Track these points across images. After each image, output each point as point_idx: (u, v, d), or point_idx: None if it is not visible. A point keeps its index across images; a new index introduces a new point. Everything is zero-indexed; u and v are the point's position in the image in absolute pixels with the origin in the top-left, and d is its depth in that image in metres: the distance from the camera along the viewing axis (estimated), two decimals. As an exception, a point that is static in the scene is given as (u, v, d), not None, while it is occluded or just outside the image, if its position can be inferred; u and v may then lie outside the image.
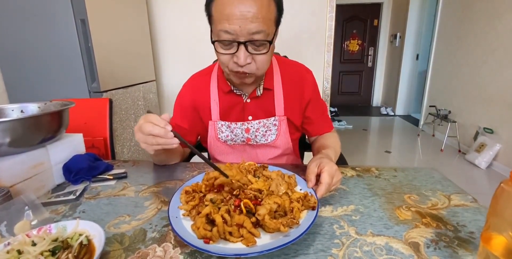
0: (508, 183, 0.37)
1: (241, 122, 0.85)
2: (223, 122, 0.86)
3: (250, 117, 0.85)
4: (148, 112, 0.60)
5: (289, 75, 0.87)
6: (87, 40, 1.40)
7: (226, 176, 0.55)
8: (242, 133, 0.86)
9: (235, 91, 0.84)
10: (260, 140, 0.86)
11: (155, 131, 0.57)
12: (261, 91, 0.84)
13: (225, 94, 0.85)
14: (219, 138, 0.87)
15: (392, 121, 4.64)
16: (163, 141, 0.58)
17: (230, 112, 0.86)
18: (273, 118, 0.86)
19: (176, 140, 0.58)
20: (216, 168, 0.56)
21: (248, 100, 0.85)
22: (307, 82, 0.88)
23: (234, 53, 0.66)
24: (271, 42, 0.67)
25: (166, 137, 0.57)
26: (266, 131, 0.86)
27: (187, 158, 1.06)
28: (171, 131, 0.57)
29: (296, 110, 0.88)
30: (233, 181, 0.54)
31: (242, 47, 0.65)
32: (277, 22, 0.70)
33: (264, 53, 0.68)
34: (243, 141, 0.87)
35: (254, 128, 0.85)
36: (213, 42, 0.68)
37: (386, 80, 5.56)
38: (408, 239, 0.50)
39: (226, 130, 0.86)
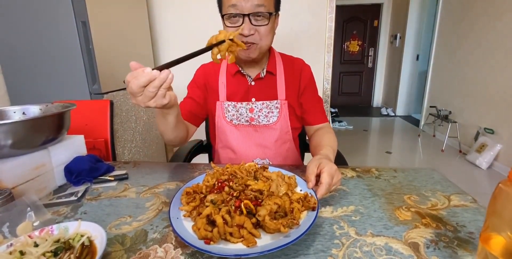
0: (506, 183, 0.38)
1: (246, 102, 0.93)
2: (229, 102, 0.93)
3: (253, 99, 0.93)
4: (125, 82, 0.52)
5: (290, 63, 0.97)
6: (88, 42, 1.40)
7: (221, 42, 0.63)
8: (246, 112, 0.93)
9: (242, 71, 0.92)
10: (262, 120, 0.93)
11: (143, 80, 0.49)
12: (264, 73, 0.92)
13: (232, 77, 0.93)
14: (226, 116, 0.94)
15: (393, 122, 4.64)
16: (158, 82, 0.51)
17: (235, 93, 0.93)
18: (275, 101, 0.93)
19: (167, 71, 0.52)
20: (210, 47, 0.63)
21: (253, 83, 0.93)
22: (305, 71, 0.97)
23: (240, 26, 0.78)
24: (271, 14, 0.80)
25: (155, 76, 0.50)
26: (268, 113, 0.93)
27: (188, 159, 1.07)
28: (152, 69, 0.50)
29: (295, 96, 0.95)
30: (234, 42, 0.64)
31: (246, 19, 0.77)
32: (276, 6, 0.83)
33: (265, 25, 0.79)
34: (247, 120, 0.93)
35: (257, 108, 0.93)
36: (222, 16, 0.81)
37: (386, 81, 5.56)
38: (408, 240, 0.50)
39: (232, 109, 0.93)
